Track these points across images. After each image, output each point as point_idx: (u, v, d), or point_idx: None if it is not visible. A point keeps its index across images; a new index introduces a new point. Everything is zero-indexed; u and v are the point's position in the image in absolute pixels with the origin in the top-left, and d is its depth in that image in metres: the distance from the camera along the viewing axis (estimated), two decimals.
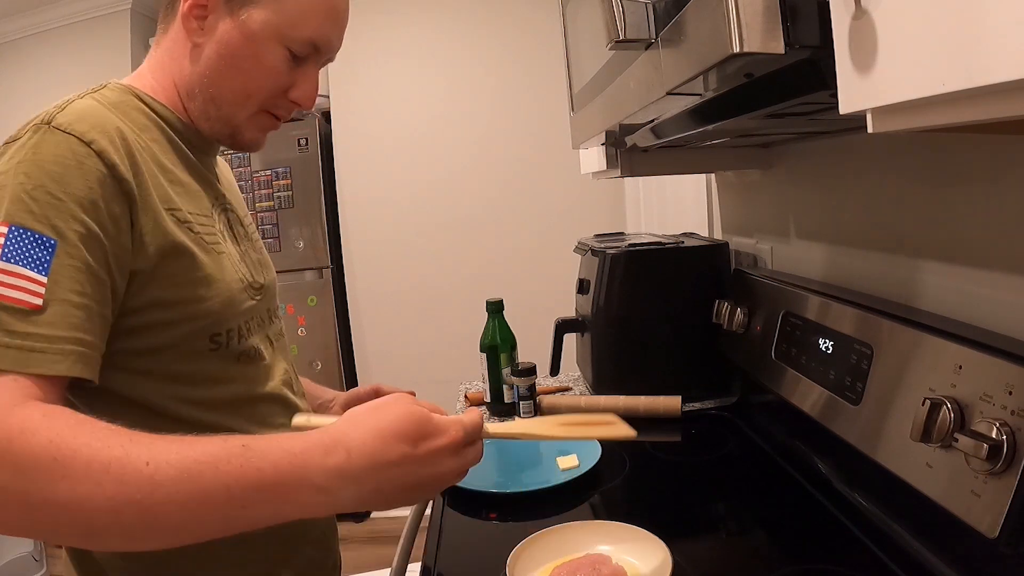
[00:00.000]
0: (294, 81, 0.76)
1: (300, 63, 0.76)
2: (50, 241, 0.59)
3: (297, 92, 0.77)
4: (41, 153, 0.61)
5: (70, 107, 0.65)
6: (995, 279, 0.76)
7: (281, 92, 0.76)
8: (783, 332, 1.04)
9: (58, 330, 0.59)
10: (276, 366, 0.82)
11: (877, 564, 0.75)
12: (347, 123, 2.94)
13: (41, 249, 0.59)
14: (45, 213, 0.59)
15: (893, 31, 0.37)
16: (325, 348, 2.91)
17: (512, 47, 2.89)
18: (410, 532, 1.02)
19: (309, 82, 0.77)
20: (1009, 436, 0.57)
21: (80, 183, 0.61)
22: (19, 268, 0.58)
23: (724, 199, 1.59)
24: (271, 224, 2.87)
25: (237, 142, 0.79)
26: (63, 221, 0.60)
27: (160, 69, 0.77)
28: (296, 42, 0.74)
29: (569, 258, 1.66)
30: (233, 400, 0.74)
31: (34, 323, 0.57)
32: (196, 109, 0.76)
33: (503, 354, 1.36)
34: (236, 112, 0.76)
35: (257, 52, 0.73)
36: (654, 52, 0.64)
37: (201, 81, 0.74)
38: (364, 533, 2.92)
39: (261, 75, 0.74)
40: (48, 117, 0.63)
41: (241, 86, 0.74)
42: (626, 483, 1.05)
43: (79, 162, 0.62)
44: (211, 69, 0.73)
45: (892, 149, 0.93)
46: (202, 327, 0.71)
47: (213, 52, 0.73)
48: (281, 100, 0.77)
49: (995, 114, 0.33)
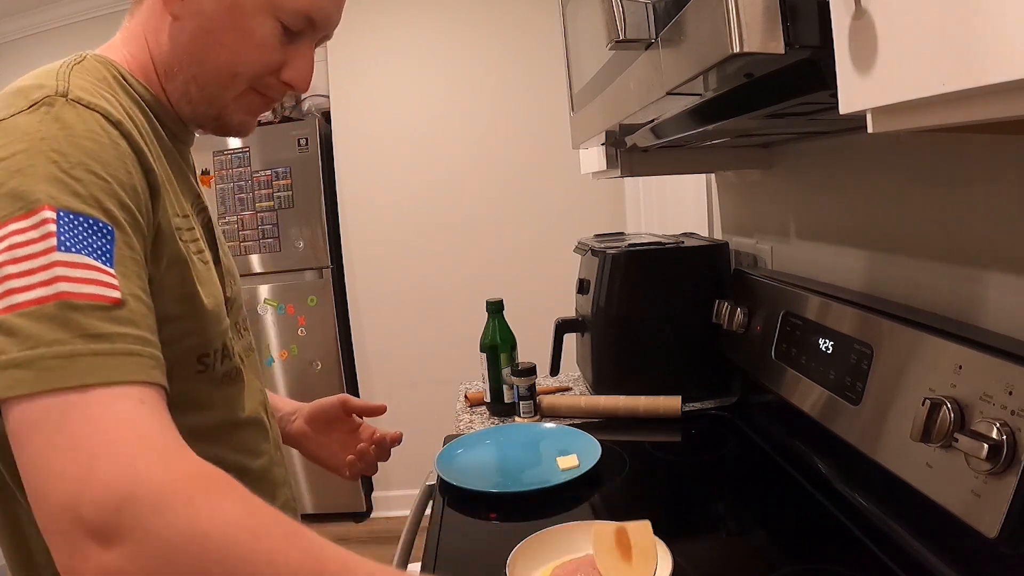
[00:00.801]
0: (287, 59, 0.67)
1: (294, 39, 0.67)
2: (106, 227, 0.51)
3: (290, 72, 0.68)
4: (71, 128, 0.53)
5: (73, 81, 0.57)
6: (995, 279, 0.76)
7: (272, 71, 0.67)
8: (783, 332, 1.04)
9: (142, 330, 0.51)
10: (252, 386, 0.76)
11: (877, 564, 0.75)
12: (347, 123, 2.94)
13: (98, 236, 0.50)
14: (93, 194, 0.51)
15: (893, 31, 0.37)
16: (325, 348, 2.91)
17: (512, 47, 2.89)
18: (410, 532, 1.02)
19: (303, 61, 0.68)
20: (1009, 436, 0.57)
21: (119, 164, 0.54)
22: (83, 257, 0.49)
23: (724, 199, 1.59)
24: (271, 224, 2.87)
25: (223, 126, 0.70)
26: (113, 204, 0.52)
27: (135, 43, 0.67)
28: (290, 14, 0.64)
29: (569, 258, 1.66)
30: (218, 427, 0.68)
31: (119, 320, 0.49)
32: (176, 90, 0.67)
33: (503, 354, 1.36)
34: (221, 93, 0.67)
35: (245, 25, 0.63)
36: (654, 52, 0.64)
37: (181, 58, 0.65)
38: (364, 533, 2.92)
39: (249, 51, 0.65)
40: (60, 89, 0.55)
41: (227, 63, 0.65)
42: (626, 483, 1.05)
43: (113, 142, 0.54)
44: (193, 44, 0.64)
45: (892, 149, 0.93)
46: (192, 347, 0.64)
47: (195, 25, 0.63)
48: (272, 80, 0.68)
49: (995, 114, 0.33)
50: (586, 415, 1.32)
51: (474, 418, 1.40)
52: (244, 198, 2.86)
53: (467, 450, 1.18)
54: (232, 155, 2.85)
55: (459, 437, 1.23)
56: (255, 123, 0.73)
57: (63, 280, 0.47)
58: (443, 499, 1.03)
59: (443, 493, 1.04)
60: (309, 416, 0.98)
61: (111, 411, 0.46)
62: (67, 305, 0.47)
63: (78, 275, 0.48)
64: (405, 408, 3.06)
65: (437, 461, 1.11)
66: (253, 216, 2.87)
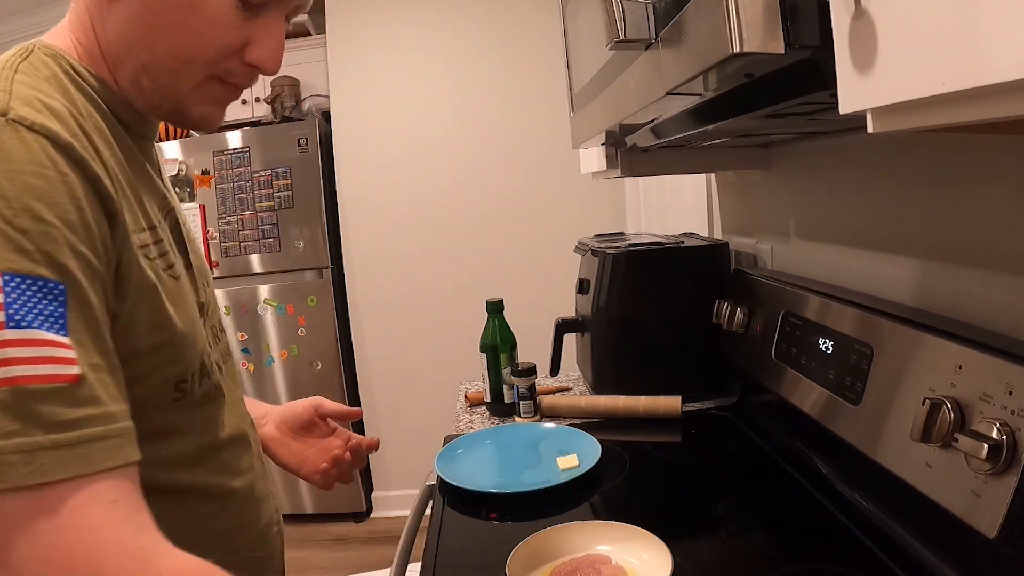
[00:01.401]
0: (249, 37, 0.58)
1: (257, 12, 0.58)
2: (57, 287, 0.45)
3: (255, 52, 0.59)
4: (12, 160, 0.46)
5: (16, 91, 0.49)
6: (995, 279, 0.76)
7: (232, 53, 0.58)
8: (783, 332, 1.04)
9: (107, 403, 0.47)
10: (232, 397, 0.70)
11: (877, 564, 0.75)
12: (347, 123, 2.94)
13: (49, 300, 0.45)
14: (41, 248, 0.45)
15: (893, 31, 0.37)
16: (325, 348, 2.91)
17: (512, 47, 2.89)
18: (410, 532, 1.02)
19: (271, 37, 0.59)
20: (1009, 436, 0.57)
21: (68, 202, 0.47)
22: (36, 332, 0.44)
23: (724, 199, 1.59)
24: (271, 224, 2.87)
25: (184, 119, 0.62)
26: (65, 255, 0.46)
27: (80, 28, 0.58)
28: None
29: (569, 258, 1.66)
30: (198, 451, 0.63)
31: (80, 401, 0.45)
32: (126, 80, 0.58)
33: (503, 354, 1.36)
34: (176, 82, 0.58)
35: (200, 5, 0.55)
36: (654, 52, 0.64)
37: (127, 45, 0.57)
38: (364, 533, 2.92)
39: (202, 31, 0.56)
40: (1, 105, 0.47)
41: (178, 48, 0.56)
42: (626, 483, 1.05)
43: (61, 173, 0.48)
44: (136, 29, 0.56)
45: (892, 149, 0.93)
46: (168, 376, 0.59)
47: (136, 6, 0.55)
48: (234, 64, 0.59)
49: (995, 114, 0.33)
50: (586, 415, 1.32)
51: (474, 418, 1.40)
52: (244, 198, 2.86)
53: (467, 450, 1.18)
54: (232, 155, 2.85)
55: (459, 437, 1.23)
56: (221, 114, 0.64)
57: (16, 363, 0.43)
58: (443, 499, 1.03)
59: (443, 493, 1.04)
60: (280, 420, 0.92)
61: (82, 520, 0.44)
62: (23, 392, 0.43)
63: (31, 354, 0.43)
64: (405, 408, 3.07)
65: (437, 461, 1.11)
66: (253, 216, 2.87)
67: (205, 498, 0.64)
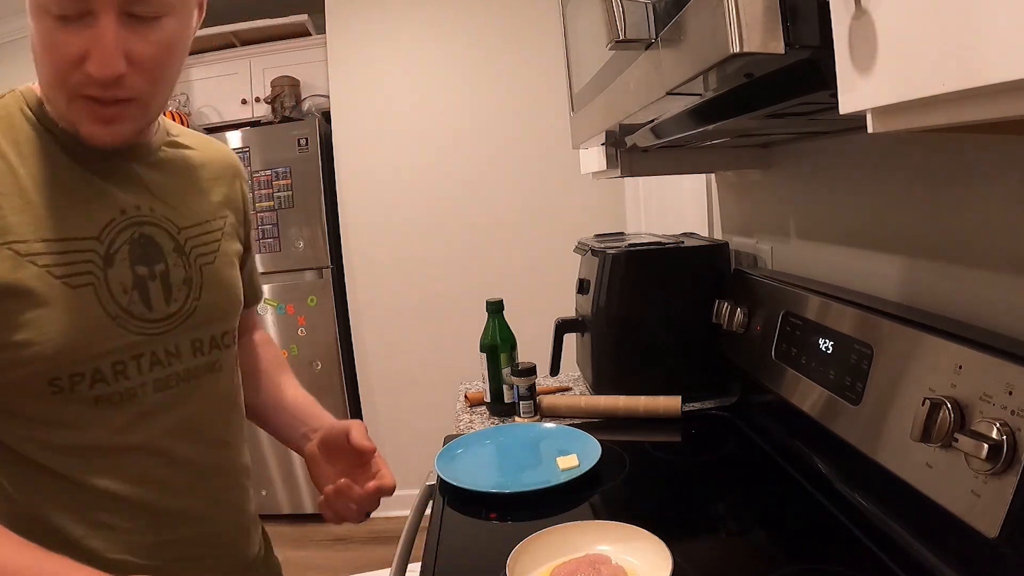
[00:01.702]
0: (86, 49, 0.62)
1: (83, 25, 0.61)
2: None
3: (88, 62, 0.62)
4: None
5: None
6: (995, 279, 0.76)
7: (73, 67, 0.63)
8: (783, 332, 1.04)
9: None
10: (165, 413, 0.73)
11: (877, 564, 0.75)
12: (347, 123, 2.94)
13: None
14: None
15: (893, 31, 0.37)
16: (325, 348, 2.91)
17: (512, 47, 2.89)
18: (410, 532, 1.02)
19: (96, 46, 0.62)
20: (1009, 436, 0.57)
21: None
22: None
23: (724, 199, 1.59)
24: (271, 224, 2.87)
25: (83, 138, 0.67)
26: None
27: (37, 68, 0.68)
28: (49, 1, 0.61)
29: (569, 258, 1.66)
30: (94, 447, 0.68)
31: None
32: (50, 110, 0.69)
33: (503, 354, 1.36)
34: (56, 107, 0.67)
35: (36, 30, 0.63)
36: (654, 52, 0.64)
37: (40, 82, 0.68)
38: (364, 533, 2.92)
39: (48, 55, 0.63)
40: None
41: (44, 76, 0.66)
42: (626, 483, 1.05)
43: None
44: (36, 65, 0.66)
45: (892, 149, 0.93)
46: (36, 371, 0.65)
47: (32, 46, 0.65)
48: (79, 77, 0.63)
49: (995, 114, 0.33)
50: (586, 415, 1.32)
51: (474, 418, 1.40)
52: None
53: (467, 450, 1.18)
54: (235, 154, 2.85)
55: (459, 437, 1.23)
56: (108, 132, 0.67)
57: None
58: (443, 499, 1.03)
59: (443, 493, 1.04)
60: (321, 439, 0.89)
61: None
62: None
63: None
64: (405, 408, 3.06)
65: (437, 461, 1.11)
66: (253, 216, 2.87)
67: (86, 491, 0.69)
